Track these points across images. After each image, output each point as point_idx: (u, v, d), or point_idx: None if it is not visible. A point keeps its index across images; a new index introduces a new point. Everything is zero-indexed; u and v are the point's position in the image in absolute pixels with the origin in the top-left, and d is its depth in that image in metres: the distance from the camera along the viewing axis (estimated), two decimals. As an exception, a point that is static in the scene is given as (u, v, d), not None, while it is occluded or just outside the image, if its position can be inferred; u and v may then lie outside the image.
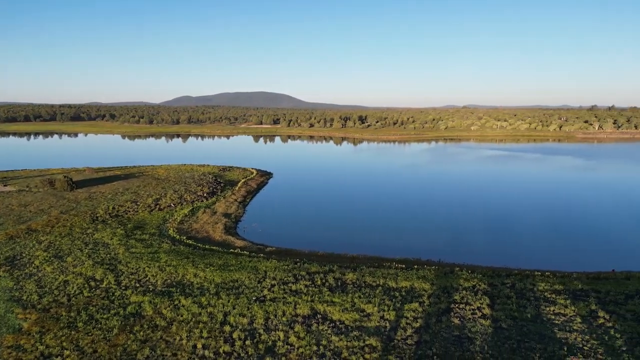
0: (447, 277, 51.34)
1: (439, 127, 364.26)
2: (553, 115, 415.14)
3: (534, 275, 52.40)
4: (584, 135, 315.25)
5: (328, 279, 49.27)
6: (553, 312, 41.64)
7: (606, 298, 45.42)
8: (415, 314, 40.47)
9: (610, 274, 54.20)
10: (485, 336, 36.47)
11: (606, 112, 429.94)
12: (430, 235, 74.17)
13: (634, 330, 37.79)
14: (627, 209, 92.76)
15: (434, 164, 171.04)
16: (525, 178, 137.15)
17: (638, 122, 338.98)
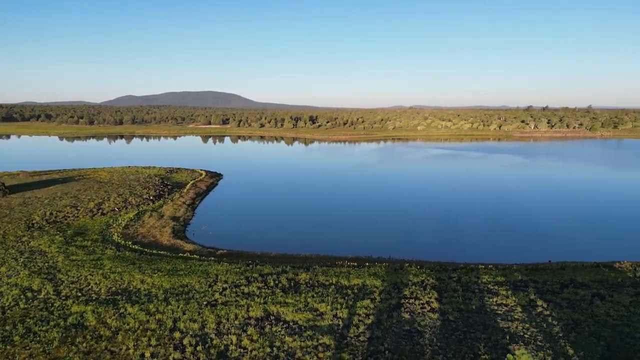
0: (397, 273, 52.62)
1: (387, 127, 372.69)
2: (493, 115, 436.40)
3: (478, 269, 54.84)
4: (521, 135, 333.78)
5: (281, 280, 49.06)
6: (496, 302, 43.76)
7: (544, 287, 48.33)
8: (367, 311, 41.15)
9: (547, 264, 57.75)
10: (434, 329, 37.72)
11: (541, 112, 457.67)
12: (381, 233, 75.69)
13: (569, 317, 40.48)
14: (560, 203, 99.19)
15: (384, 164, 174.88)
16: (468, 176, 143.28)
17: (569, 121, 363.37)
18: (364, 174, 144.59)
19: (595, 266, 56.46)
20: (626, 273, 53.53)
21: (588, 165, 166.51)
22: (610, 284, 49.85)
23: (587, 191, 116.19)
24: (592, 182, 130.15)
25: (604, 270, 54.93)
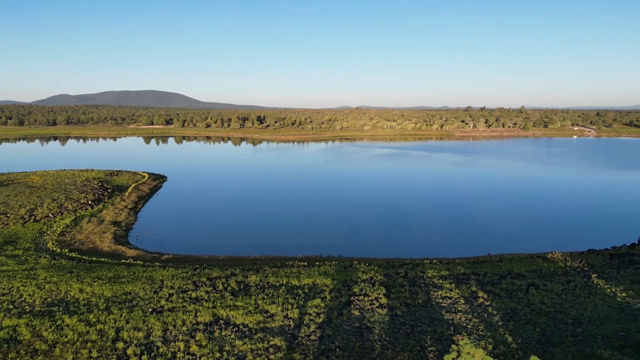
0: (346, 271, 53.29)
1: (334, 127, 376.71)
2: (435, 115, 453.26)
3: (423, 264, 56.71)
4: (461, 134, 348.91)
5: (230, 283, 48.20)
6: (441, 296, 45.44)
7: (484, 279, 50.80)
8: (318, 310, 41.34)
9: (487, 257, 60.76)
10: (383, 324, 38.56)
11: (479, 112, 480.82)
12: (330, 232, 76.35)
13: (507, 307, 42.80)
14: (497, 199, 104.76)
15: (332, 164, 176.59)
16: (412, 174, 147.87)
17: (505, 121, 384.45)
18: (313, 174, 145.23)
19: (530, 257, 60.09)
20: (558, 263, 57.42)
21: (522, 163, 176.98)
22: (544, 273, 53.26)
23: (521, 187, 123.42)
24: (526, 178, 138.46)
25: (537, 260, 58.58)
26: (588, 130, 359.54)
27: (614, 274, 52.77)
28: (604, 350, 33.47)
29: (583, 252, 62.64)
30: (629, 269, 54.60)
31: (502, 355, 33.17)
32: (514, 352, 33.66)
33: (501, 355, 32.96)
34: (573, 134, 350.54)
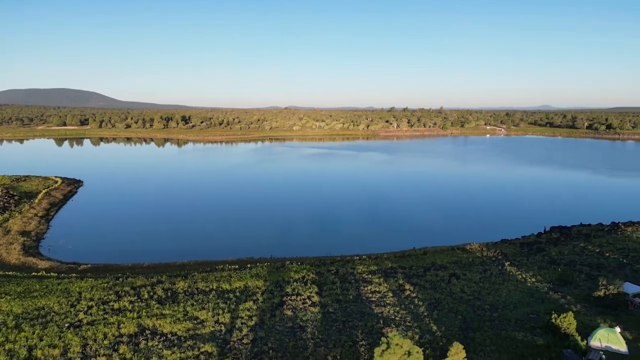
0: (279, 271, 53.11)
1: (264, 127, 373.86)
2: (361, 116, 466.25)
3: (353, 260, 58.07)
4: (386, 133, 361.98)
5: (156, 291, 46.04)
6: (370, 290, 46.80)
7: (410, 272, 53.12)
8: (250, 313, 40.78)
9: (412, 251, 63.59)
10: (316, 322, 38.92)
11: (402, 112, 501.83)
12: (261, 233, 75.65)
13: (432, 297, 45.09)
14: (420, 195, 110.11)
15: (261, 164, 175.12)
16: (341, 173, 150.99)
17: (425, 121, 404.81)
18: (242, 175, 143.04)
19: (451, 249, 63.82)
20: (475, 253, 61.53)
21: (442, 160, 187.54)
22: (464, 264, 56.81)
23: (441, 183, 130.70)
24: (445, 175, 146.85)
25: (458, 252, 62.38)
26: (499, 129, 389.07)
27: (524, 261, 57.61)
28: (517, 332, 36.40)
29: (497, 242, 67.71)
30: (537, 256, 59.89)
31: (428, 343, 34.88)
32: (439, 340, 35.54)
33: (427, 344, 34.64)
34: (486, 132, 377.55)
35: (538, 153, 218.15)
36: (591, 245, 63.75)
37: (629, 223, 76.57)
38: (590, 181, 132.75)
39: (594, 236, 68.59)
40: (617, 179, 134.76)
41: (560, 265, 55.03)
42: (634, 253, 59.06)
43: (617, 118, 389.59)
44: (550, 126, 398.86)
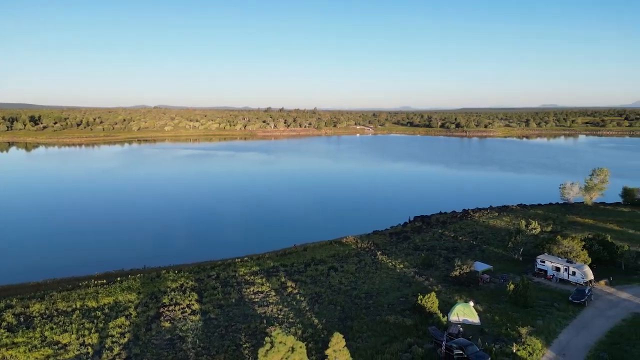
0: (154, 282, 49.83)
1: (131, 128, 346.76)
2: (238, 116, 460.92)
3: (235, 263, 57.10)
4: (263, 133, 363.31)
5: (6, 317, 39.80)
6: (253, 291, 46.52)
7: (292, 269, 54.07)
8: (122, 329, 37.58)
9: (293, 248, 64.82)
10: (197, 331, 37.41)
11: (278, 113, 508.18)
12: (131, 243, 70.20)
13: (313, 291, 46.50)
14: (299, 192, 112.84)
15: (130, 167, 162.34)
16: (218, 175, 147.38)
17: (301, 121, 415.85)
18: (106, 181, 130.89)
19: (329, 244, 66.57)
20: (351, 246, 65.06)
21: (319, 159, 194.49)
22: (341, 256, 59.67)
23: (318, 180, 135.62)
24: (322, 172, 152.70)
25: (335, 246, 65.31)
26: (367, 129, 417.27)
27: (394, 250, 62.65)
28: (389, 316, 39.42)
29: (370, 234, 72.52)
30: (404, 244, 65.56)
31: (311, 337, 35.90)
32: (320, 332, 36.81)
33: (310, 338, 35.64)
34: (356, 132, 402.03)
35: (402, 150, 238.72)
36: (447, 231, 71.88)
37: (477, 209, 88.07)
38: (445, 174, 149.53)
39: (449, 223, 77.43)
40: (466, 171, 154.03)
41: (423, 250, 61.01)
42: (481, 235, 68.15)
43: (464, 118, 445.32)
44: (410, 125, 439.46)
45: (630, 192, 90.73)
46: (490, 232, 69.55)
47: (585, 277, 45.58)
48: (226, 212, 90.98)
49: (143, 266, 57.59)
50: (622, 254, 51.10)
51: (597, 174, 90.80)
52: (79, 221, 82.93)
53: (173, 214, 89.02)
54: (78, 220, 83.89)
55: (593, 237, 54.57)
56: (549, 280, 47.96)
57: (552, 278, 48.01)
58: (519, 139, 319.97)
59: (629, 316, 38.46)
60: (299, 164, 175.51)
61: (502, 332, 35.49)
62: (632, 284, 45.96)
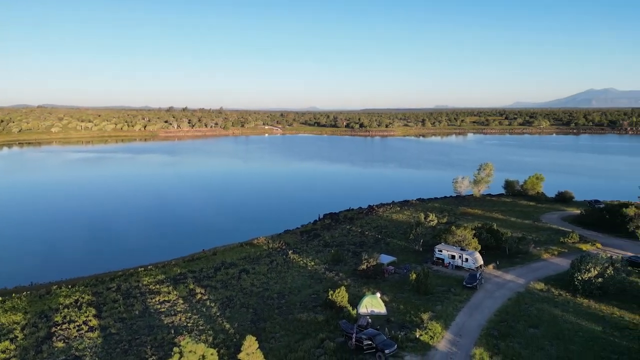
0: (43, 299, 45.06)
1: (10, 129, 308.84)
2: (137, 115, 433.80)
3: (138, 272, 53.68)
4: (166, 134, 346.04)
5: None
6: (159, 301, 44.14)
7: (201, 275, 52.24)
8: (7, 355, 33.44)
9: (202, 253, 62.63)
10: (95, 349, 34.57)
11: (182, 112, 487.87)
12: (16, 259, 62.70)
13: (224, 296, 45.38)
14: (204, 196, 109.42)
15: (8, 175, 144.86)
16: (116, 179, 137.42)
17: (207, 121, 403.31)
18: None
19: (240, 246, 65.47)
20: (262, 247, 64.63)
21: (226, 159, 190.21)
22: (252, 258, 59.01)
23: (225, 181, 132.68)
24: (229, 173, 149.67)
25: (246, 247, 64.41)
26: (276, 129, 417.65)
27: (305, 248, 63.46)
28: (302, 314, 39.84)
29: (281, 234, 72.69)
30: (314, 242, 66.71)
31: (222, 342, 35.01)
32: (232, 337, 36.07)
33: (221, 343, 34.74)
34: (265, 132, 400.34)
35: (310, 149, 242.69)
36: (355, 226, 74.60)
37: (381, 205, 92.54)
38: (352, 172, 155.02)
39: (356, 219, 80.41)
40: (370, 169, 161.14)
41: (333, 247, 62.61)
42: (385, 229, 71.74)
43: (367, 118, 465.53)
44: (317, 125, 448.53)
45: (511, 183, 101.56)
46: (393, 226, 73.47)
47: (476, 263, 50.15)
48: (126, 219, 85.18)
49: (30, 283, 51.74)
50: (506, 240, 57.03)
51: (483, 168, 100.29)
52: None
53: (63, 224, 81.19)
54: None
55: (482, 226, 60.18)
56: (446, 268, 51.96)
57: (448, 265, 52.08)
58: (417, 137, 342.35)
59: (513, 295, 43.07)
60: (206, 166, 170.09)
61: (407, 320, 37.71)
62: (514, 266, 51.54)
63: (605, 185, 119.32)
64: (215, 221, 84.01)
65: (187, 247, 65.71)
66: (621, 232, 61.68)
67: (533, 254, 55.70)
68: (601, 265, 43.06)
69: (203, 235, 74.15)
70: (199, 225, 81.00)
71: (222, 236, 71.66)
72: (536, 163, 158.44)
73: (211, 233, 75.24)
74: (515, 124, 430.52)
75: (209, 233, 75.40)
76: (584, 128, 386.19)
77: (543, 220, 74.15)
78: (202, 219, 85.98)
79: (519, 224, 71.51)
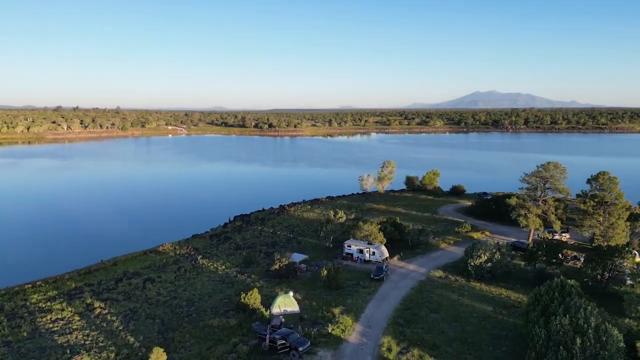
0: None
1: None
2: (18, 116, 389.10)
3: (25, 290, 48.17)
4: (54, 136, 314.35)
5: None
6: (51, 320, 40.03)
7: (100, 288, 48.31)
8: None
9: (100, 264, 57.88)
10: (-26, 381, 30.38)
11: (72, 112, 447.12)
12: None
13: (127, 308, 42.44)
14: (102, 202, 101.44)
15: None
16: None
17: (102, 121, 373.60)
18: None
19: (144, 254, 61.66)
20: (169, 253, 61.56)
21: (126, 163, 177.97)
22: (158, 266, 55.94)
23: (127, 187, 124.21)
24: (130, 179, 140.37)
25: (151, 255, 60.87)
26: (180, 129, 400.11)
27: (215, 252, 61.68)
28: (213, 320, 38.68)
29: (189, 239, 69.83)
30: (225, 245, 65.10)
31: (126, 358, 32.77)
32: (138, 351, 33.89)
33: (125, 359, 32.51)
34: (168, 132, 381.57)
35: (218, 150, 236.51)
36: (267, 227, 74.26)
37: (292, 204, 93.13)
38: (262, 172, 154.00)
39: (268, 219, 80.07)
40: (281, 168, 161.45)
41: (244, 249, 61.69)
42: (297, 228, 72.40)
43: (276, 118, 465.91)
44: (225, 125, 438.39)
45: (411, 179, 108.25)
46: (304, 225, 74.41)
47: (382, 256, 52.70)
48: (7, 233, 75.95)
49: None
50: (409, 233, 60.70)
51: (386, 166, 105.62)
52: None
53: None
54: None
55: (386, 221, 63.35)
56: (355, 262, 53.87)
57: (357, 260, 54.05)
58: (324, 137, 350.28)
59: (416, 284, 45.97)
60: (103, 170, 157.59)
61: (319, 316, 38.45)
62: (416, 257, 55.04)
63: (491, 179, 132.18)
64: (114, 229, 78.21)
65: (82, 259, 60.25)
66: (505, 220, 68.71)
67: (432, 244, 59.98)
68: (490, 251, 47.67)
69: (101, 245, 68.61)
70: (96, 235, 74.86)
71: (124, 245, 66.88)
72: (433, 160, 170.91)
73: (110, 242, 69.92)
74: (414, 124, 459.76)
75: (108, 242, 70.00)
76: (472, 127, 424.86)
77: (440, 213, 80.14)
78: (100, 227, 79.57)
79: (419, 217, 76.45)
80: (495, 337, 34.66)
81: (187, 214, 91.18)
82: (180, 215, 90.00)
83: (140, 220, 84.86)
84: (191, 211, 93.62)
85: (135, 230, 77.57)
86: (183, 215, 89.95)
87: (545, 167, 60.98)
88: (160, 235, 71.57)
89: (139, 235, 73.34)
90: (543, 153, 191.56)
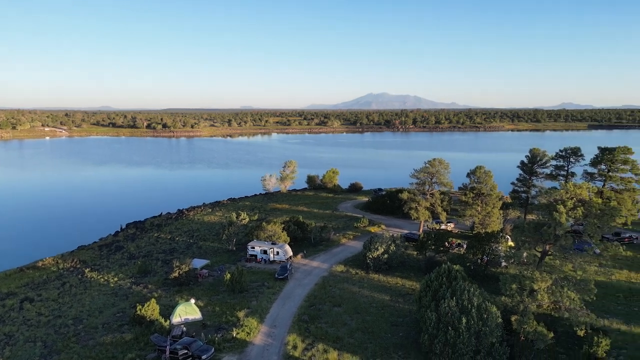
0: None
1: None
2: None
3: None
4: None
5: None
6: None
7: (-37, 314, 41.87)
8: None
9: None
10: None
11: None
12: None
13: (0, 333, 37.38)
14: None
15: None
16: None
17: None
18: None
19: (20, 271, 54.77)
20: (51, 268, 55.41)
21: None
22: (37, 283, 50.10)
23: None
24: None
25: (29, 272, 54.24)
26: (60, 131, 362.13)
27: (105, 263, 56.90)
28: (105, 336, 35.66)
29: (74, 251, 63.57)
30: (116, 255, 60.39)
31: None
32: (16, 381, 30.05)
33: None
34: (45, 134, 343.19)
35: (105, 153, 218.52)
36: (164, 233, 70.44)
37: (191, 208, 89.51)
38: (156, 175, 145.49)
39: (165, 225, 76.00)
40: (178, 171, 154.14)
41: (139, 258, 57.85)
42: (197, 233, 69.76)
43: (170, 118, 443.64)
44: (113, 126, 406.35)
45: (312, 178, 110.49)
46: (205, 228, 72.00)
47: (286, 255, 53.02)
48: None
49: None
50: (311, 230, 61.86)
51: (288, 165, 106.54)
52: None
53: None
54: None
55: (289, 220, 63.89)
56: (259, 263, 53.47)
57: (261, 261, 53.72)
58: (224, 137, 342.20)
59: (319, 280, 47.02)
60: None
61: (223, 321, 37.50)
62: (319, 254, 56.32)
63: (385, 175, 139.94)
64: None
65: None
66: (399, 213, 73.31)
67: (334, 240, 61.85)
68: (386, 243, 50.50)
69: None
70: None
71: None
72: (332, 159, 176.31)
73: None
74: (313, 124, 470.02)
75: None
76: (367, 127, 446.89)
77: (340, 209, 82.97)
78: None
79: (321, 215, 78.33)
80: (393, 324, 36.84)
81: (70, 223, 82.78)
82: (63, 225, 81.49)
83: (12, 234, 75.14)
84: (75, 220, 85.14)
85: (6, 245, 68.54)
86: (66, 225, 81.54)
87: (431, 163, 66.25)
88: (39, 249, 64.19)
89: (12, 251, 65.01)
90: (429, 150, 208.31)
